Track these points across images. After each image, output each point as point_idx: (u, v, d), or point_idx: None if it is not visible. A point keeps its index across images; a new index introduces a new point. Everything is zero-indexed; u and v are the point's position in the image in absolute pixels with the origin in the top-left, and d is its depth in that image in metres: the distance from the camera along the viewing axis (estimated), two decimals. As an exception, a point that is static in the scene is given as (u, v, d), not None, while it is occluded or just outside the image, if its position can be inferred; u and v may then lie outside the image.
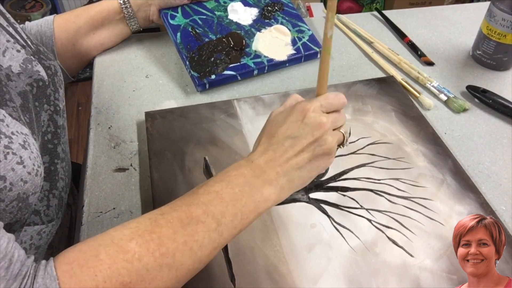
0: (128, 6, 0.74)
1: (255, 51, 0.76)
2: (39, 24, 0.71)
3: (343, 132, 0.48)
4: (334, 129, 0.47)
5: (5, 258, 0.35)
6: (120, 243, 0.38)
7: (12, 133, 0.43)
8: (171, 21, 0.77)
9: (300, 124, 0.45)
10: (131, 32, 0.80)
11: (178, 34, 0.76)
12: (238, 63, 0.74)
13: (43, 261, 0.37)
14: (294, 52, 0.77)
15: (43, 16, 2.00)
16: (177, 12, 0.78)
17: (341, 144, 0.48)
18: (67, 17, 0.73)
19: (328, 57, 0.46)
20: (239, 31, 0.77)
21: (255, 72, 0.75)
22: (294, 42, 0.78)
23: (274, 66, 0.76)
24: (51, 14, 0.77)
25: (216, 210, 0.41)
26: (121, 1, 0.74)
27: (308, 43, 0.78)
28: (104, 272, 0.36)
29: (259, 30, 0.78)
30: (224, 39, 0.75)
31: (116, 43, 0.81)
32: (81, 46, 0.75)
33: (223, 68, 0.73)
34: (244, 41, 0.76)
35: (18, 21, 0.61)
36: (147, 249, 0.38)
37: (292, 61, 0.77)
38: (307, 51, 0.78)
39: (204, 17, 0.78)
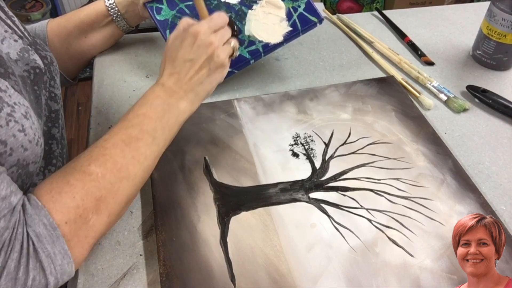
0: (115, 8, 0.73)
1: (249, 36, 0.71)
2: (33, 27, 0.72)
3: (232, 45, 0.58)
4: (224, 44, 0.56)
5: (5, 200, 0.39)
6: (82, 169, 0.45)
7: (15, 103, 0.45)
8: (158, 17, 0.72)
9: (194, 46, 0.54)
10: (123, 33, 0.79)
11: (168, 32, 0.72)
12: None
13: (24, 197, 0.42)
14: (290, 29, 0.71)
15: (43, 16, 2.01)
16: (162, 4, 0.72)
17: (231, 55, 0.58)
18: (58, 21, 0.73)
19: None
20: (229, 14, 0.71)
21: (252, 61, 0.72)
22: (289, 15, 0.71)
23: (271, 50, 0.71)
24: (51, 14, 0.78)
25: (149, 127, 0.50)
26: (108, 4, 0.73)
27: (305, 13, 0.71)
28: (80, 193, 0.43)
29: (250, 7, 0.72)
30: None
31: (109, 44, 0.80)
32: (75, 50, 0.75)
33: None
34: (235, 26, 0.69)
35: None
36: (105, 168, 0.46)
37: (289, 39, 0.71)
38: (304, 25, 0.71)
39: (191, 3, 0.72)
